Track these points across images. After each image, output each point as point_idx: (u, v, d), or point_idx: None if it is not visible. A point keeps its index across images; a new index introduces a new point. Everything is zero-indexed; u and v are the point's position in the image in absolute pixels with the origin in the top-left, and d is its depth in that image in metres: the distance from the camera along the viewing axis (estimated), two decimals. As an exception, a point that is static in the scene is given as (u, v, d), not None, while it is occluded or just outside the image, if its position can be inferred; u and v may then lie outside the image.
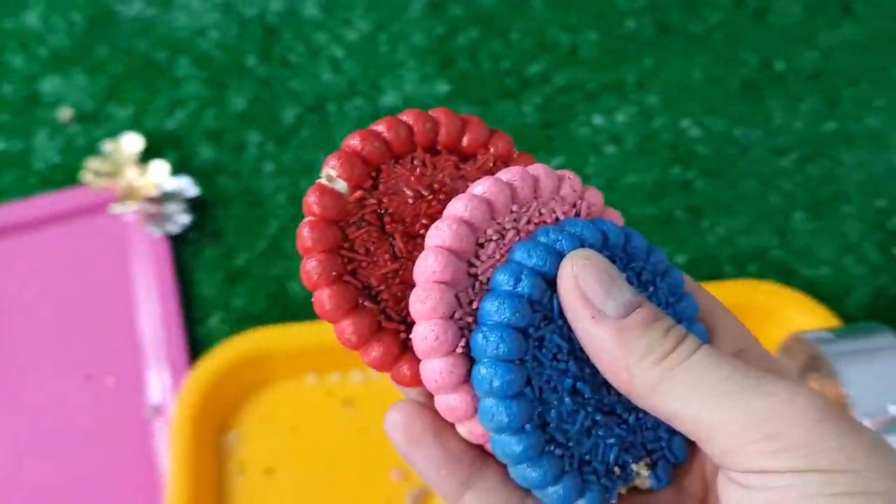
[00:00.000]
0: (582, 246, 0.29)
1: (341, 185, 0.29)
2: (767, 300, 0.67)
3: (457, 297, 0.28)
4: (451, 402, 0.28)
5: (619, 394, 0.30)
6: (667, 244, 0.72)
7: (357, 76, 0.80)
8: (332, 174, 0.29)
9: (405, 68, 0.80)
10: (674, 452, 0.31)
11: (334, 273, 0.29)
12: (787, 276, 0.71)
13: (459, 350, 0.28)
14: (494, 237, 0.29)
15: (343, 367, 0.67)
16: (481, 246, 0.29)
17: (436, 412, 0.29)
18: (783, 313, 0.66)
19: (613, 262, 0.29)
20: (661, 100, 0.79)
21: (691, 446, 0.32)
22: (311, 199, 0.29)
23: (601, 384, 0.30)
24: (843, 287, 0.70)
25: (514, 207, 0.29)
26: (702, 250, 0.72)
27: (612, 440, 0.30)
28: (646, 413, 0.30)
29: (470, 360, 0.28)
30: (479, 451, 0.30)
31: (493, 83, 0.79)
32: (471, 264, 0.29)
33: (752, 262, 0.72)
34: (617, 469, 0.30)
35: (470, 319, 0.29)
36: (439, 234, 0.28)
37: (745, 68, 0.80)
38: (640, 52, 0.81)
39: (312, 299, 0.29)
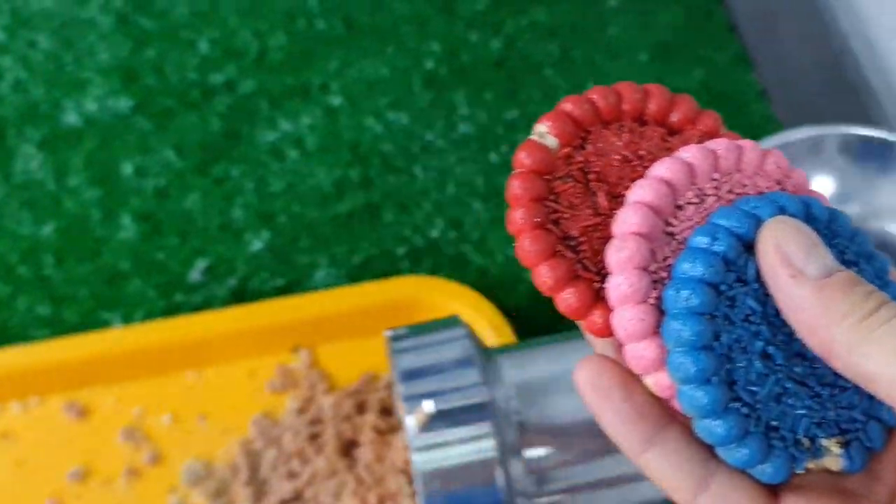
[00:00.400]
0: (783, 214, 0.29)
1: (551, 142, 0.31)
2: (430, 295, 0.68)
3: (652, 250, 0.29)
4: (639, 352, 0.29)
5: (812, 366, 0.29)
6: (343, 245, 0.72)
7: (40, 97, 0.79)
8: (543, 131, 0.32)
9: (91, 86, 0.79)
10: (869, 436, 0.30)
11: (537, 220, 0.30)
12: (462, 268, 0.72)
13: (651, 301, 0.29)
14: (694, 201, 0.30)
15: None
16: (680, 208, 0.30)
17: (624, 367, 0.30)
18: (447, 307, 0.67)
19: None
20: (345, 99, 0.79)
21: (889, 434, 0.31)
22: (521, 154, 0.31)
23: (795, 354, 0.29)
24: (515, 277, 0.71)
25: (716, 175, 0.30)
26: (379, 247, 0.73)
27: (802, 411, 0.29)
28: (841, 390, 0.30)
29: (661, 312, 0.29)
30: (665, 409, 0.30)
31: (178, 95, 0.79)
32: (668, 223, 0.30)
33: (427, 256, 0.72)
34: (806, 441, 0.29)
35: (664, 275, 0.29)
36: (640, 191, 0.29)
37: (431, 60, 0.80)
38: (328, 52, 0.81)
39: (514, 245, 0.31)
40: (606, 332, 0.30)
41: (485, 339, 0.62)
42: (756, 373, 0.28)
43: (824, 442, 0.30)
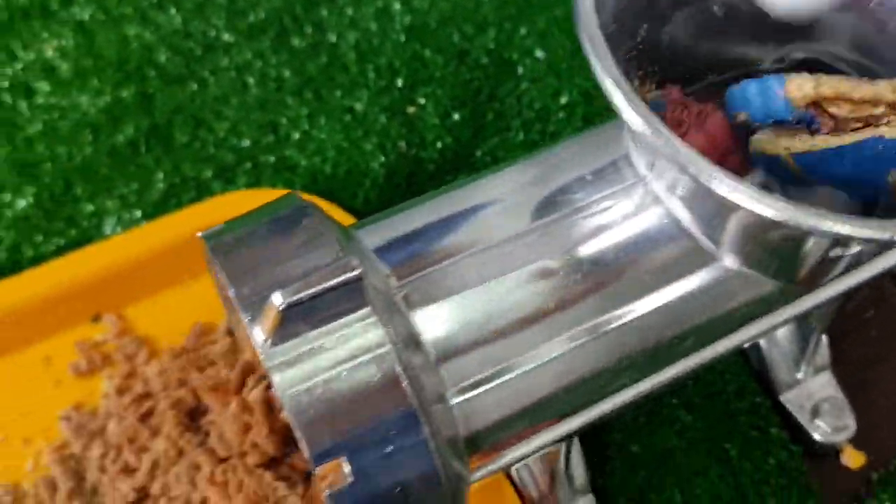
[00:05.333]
0: None
1: None
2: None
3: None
4: None
5: None
6: (131, 182, 0.57)
7: None
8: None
9: None
10: None
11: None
12: (289, 175, 0.58)
13: None
14: None
15: None
16: None
17: None
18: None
19: None
20: (97, 8, 0.63)
21: None
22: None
23: None
24: (355, 170, 0.58)
25: None
26: (178, 175, 0.57)
27: None
28: None
29: None
30: None
31: None
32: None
33: (242, 172, 0.58)
34: None
35: None
36: None
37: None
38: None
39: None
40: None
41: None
42: None
43: None
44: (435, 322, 0.34)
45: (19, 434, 0.50)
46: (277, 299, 0.31)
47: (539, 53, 0.61)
